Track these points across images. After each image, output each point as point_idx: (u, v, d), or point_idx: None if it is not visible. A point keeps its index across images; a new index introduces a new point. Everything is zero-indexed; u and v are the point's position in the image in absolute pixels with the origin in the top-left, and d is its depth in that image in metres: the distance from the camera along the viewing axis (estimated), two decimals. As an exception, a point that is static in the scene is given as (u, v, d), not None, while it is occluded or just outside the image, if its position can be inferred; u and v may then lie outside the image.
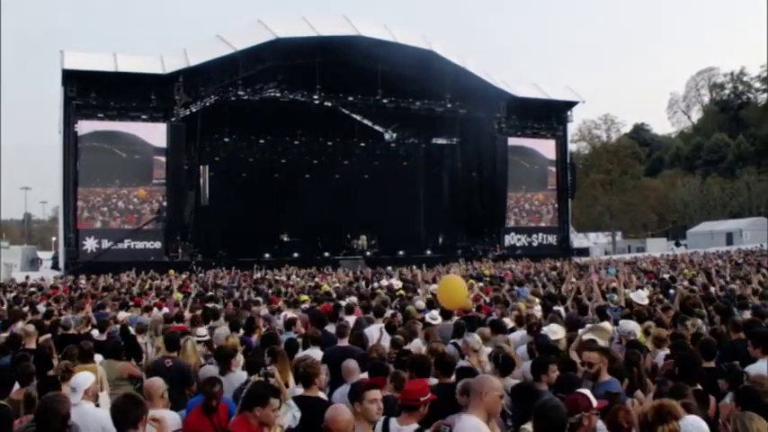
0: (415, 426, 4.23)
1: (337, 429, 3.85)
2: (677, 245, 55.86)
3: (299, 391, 5.43)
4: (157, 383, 5.41)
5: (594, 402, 3.94)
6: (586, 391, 4.09)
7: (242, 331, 8.76)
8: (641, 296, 10.25)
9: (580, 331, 7.17)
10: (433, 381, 5.54)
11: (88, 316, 10.38)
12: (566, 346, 6.73)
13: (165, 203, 33.04)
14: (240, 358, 6.81)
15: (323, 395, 5.70)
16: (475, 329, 7.51)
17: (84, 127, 32.06)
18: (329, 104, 37.85)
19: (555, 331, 7.20)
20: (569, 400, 3.93)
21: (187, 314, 10.57)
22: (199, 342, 8.03)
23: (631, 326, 7.18)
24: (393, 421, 4.51)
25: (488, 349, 6.75)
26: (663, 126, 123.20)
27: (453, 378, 5.78)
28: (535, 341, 7.10)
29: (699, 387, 4.90)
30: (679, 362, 5.14)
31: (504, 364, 5.90)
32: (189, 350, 7.54)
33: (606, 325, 7.37)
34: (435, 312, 9.24)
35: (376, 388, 4.47)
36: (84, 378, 5.26)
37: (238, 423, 4.46)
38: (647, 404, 3.65)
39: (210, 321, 9.82)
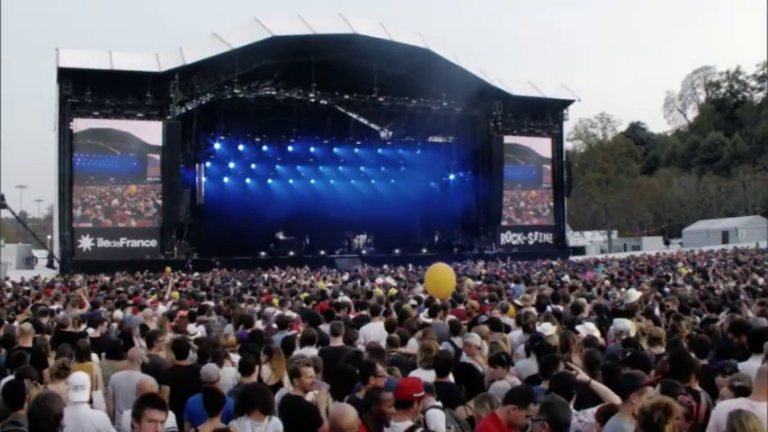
0: (409, 423, 4.22)
1: (343, 426, 3.86)
2: (666, 243, 55.46)
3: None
4: (150, 383, 5.41)
5: None
6: None
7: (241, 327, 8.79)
8: (630, 295, 10.24)
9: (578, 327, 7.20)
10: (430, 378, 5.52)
11: (82, 313, 10.36)
12: (558, 345, 6.74)
13: (159, 201, 33.02)
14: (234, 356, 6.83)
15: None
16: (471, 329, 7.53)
17: (80, 125, 31.96)
18: (325, 103, 37.84)
19: (545, 329, 7.24)
20: None
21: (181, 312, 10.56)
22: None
23: (625, 324, 7.18)
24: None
25: (487, 347, 6.77)
26: (659, 125, 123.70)
27: (451, 377, 5.80)
28: (530, 339, 7.11)
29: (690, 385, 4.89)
30: (671, 360, 5.15)
31: (503, 360, 5.90)
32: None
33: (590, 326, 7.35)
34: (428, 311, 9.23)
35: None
36: (85, 377, 5.24)
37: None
38: (645, 402, 3.64)
39: (203, 316, 9.86)
